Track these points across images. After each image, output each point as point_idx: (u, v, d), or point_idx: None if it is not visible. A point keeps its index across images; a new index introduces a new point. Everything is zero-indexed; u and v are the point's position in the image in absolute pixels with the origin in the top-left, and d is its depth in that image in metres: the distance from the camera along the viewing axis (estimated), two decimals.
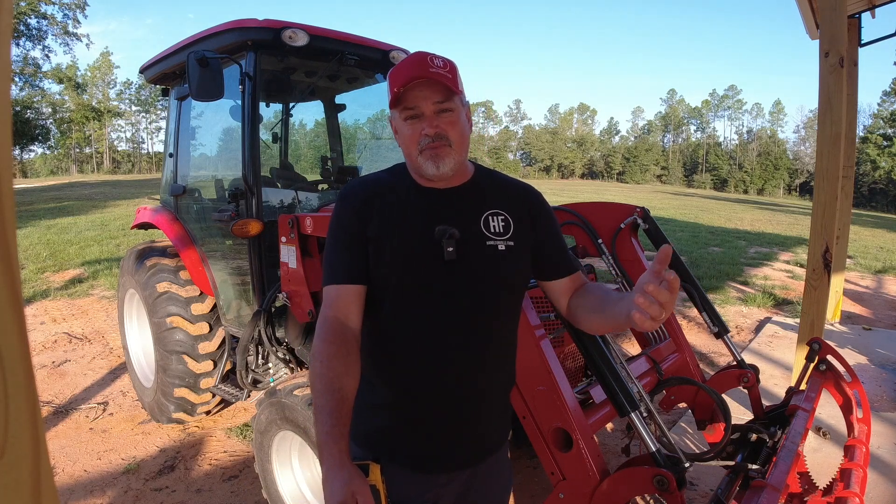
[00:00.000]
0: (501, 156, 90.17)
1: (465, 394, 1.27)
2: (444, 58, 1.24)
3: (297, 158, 4.64)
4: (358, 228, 1.25)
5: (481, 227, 1.27)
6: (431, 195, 1.28)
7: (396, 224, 1.24)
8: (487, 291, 1.26)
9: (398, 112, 1.24)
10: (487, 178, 1.36)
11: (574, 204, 2.72)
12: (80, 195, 20.43)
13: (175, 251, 3.47)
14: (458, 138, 1.24)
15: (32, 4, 36.68)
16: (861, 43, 5.59)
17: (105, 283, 7.30)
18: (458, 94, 1.23)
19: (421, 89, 1.20)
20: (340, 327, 1.19)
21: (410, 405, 1.27)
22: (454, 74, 1.23)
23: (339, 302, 1.21)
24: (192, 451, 3.32)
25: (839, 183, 3.42)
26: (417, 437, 1.29)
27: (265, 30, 2.71)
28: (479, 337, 1.26)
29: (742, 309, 6.75)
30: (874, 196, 57.89)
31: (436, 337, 1.24)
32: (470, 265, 1.23)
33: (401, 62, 1.25)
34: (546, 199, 1.42)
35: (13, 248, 0.39)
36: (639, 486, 1.48)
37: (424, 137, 1.21)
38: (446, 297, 1.23)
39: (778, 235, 15.06)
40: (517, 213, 1.32)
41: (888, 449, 3.20)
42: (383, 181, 1.32)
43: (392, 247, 1.22)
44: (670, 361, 2.39)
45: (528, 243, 1.32)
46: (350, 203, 1.28)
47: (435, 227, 1.22)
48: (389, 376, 1.28)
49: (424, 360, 1.24)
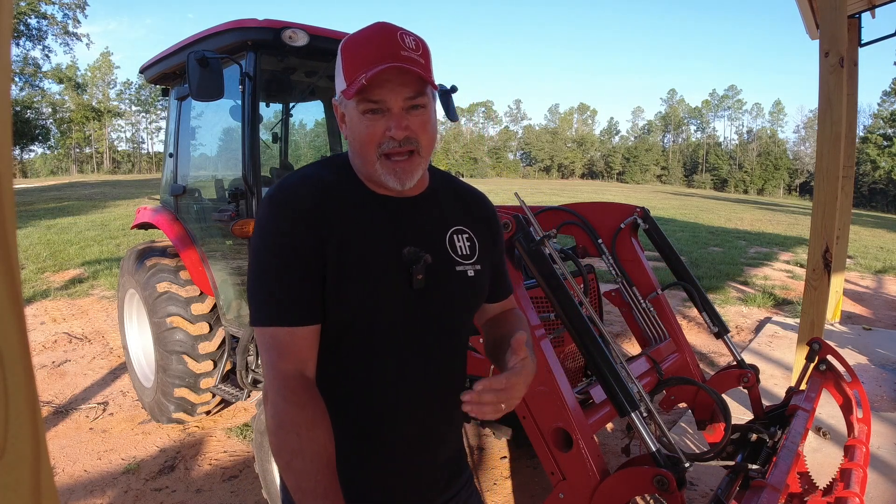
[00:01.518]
0: (501, 156, 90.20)
1: (434, 424, 1.13)
2: (416, 35, 1.00)
3: (297, 158, 4.64)
4: (311, 247, 0.96)
5: (447, 247, 1.08)
6: (390, 206, 1.05)
7: (358, 241, 1.00)
8: (455, 321, 1.11)
9: (354, 101, 0.97)
10: (445, 185, 1.17)
11: (574, 204, 2.72)
12: (80, 195, 20.44)
13: (175, 251, 3.47)
14: (428, 143, 1.02)
15: (32, 4, 36.67)
16: (861, 43, 5.60)
17: (105, 283, 7.30)
18: (431, 86, 0.99)
19: (389, 79, 0.95)
20: (304, 383, 0.96)
21: (375, 450, 1.09)
22: (427, 60, 0.99)
23: (293, 349, 0.95)
24: (192, 451, 3.32)
25: (839, 183, 3.42)
26: (389, 483, 1.13)
27: (265, 30, 2.71)
28: (444, 370, 1.11)
29: (742, 309, 6.75)
30: (874, 196, 57.90)
31: (399, 375, 1.05)
32: (439, 294, 1.04)
33: (360, 36, 0.98)
34: None
35: (13, 248, 0.39)
36: (639, 486, 1.48)
37: (389, 140, 0.97)
38: (411, 330, 1.04)
39: (778, 235, 15.06)
40: (480, 231, 1.15)
41: (888, 449, 3.20)
42: (330, 183, 1.03)
43: (356, 271, 0.99)
44: (670, 361, 2.39)
45: (490, 264, 1.16)
46: (296, 211, 0.97)
47: (401, 248, 1.01)
48: (348, 421, 1.07)
49: (388, 401, 1.06)
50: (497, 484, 2.98)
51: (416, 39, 0.99)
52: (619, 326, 5.45)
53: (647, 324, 2.49)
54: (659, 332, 2.48)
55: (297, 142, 4.85)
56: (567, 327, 1.74)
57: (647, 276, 2.52)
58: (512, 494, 2.88)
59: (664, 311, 2.50)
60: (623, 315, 2.58)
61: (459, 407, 1.18)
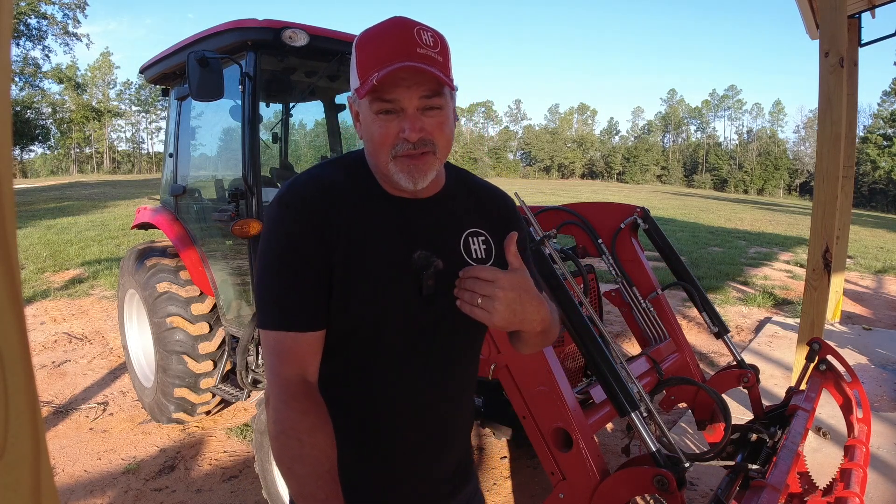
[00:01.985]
0: (501, 156, 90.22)
1: (439, 433, 1.11)
2: (434, 31, 0.95)
3: (297, 158, 4.64)
4: (319, 251, 0.95)
5: (461, 250, 1.05)
6: (403, 208, 1.02)
7: (366, 244, 0.97)
8: (465, 330, 1.06)
9: (367, 101, 0.94)
10: (462, 185, 1.12)
11: (574, 204, 2.72)
12: (80, 195, 20.44)
13: (175, 251, 3.48)
14: (445, 144, 0.98)
15: (32, 4, 36.71)
16: (861, 43, 5.60)
17: (105, 283, 7.30)
18: (449, 87, 0.95)
19: (404, 78, 0.91)
20: (307, 388, 0.94)
21: (380, 458, 1.07)
22: (446, 57, 0.95)
23: (296, 355, 0.94)
24: (192, 451, 3.32)
25: (839, 183, 3.42)
26: (393, 490, 1.11)
27: (265, 30, 2.71)
28: (453, 377, 1.09)
29: (742, 309, 6.75)
30: (874, 196, 57.91)
31: (406, 381, 1.03)
32: (450, 300, 0.97)
33: (375, 32, 0.94)
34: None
35: (13, 248, 0.39)
36: (639, 486, 1.48)
37: (403, 142, 0.93)
38: (420, 337, 1.01)
39: (778, 235, 15.06)
40: (497, 232, 1.10)
41: (888, 449, 3.20)
42: (340, 184, 1.00)
43: (363, 275, 0.97)
44: (670, 361, 2.39)
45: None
46: (304, 214, 0.95)
47: (412, 252, 0.98)
48: (352, 427, 1.06)
49: (394, 408, 1.04)
50: (497, 484, 2.98)
51: (434, 35, 0.94)
52: (619, 326, 5.45)
53: (647, 324, 2.49)
54: (659, 332, 2.48)
55: (297, 142, 4.85)
56: (567, 327, 1.74)
57: (647, 276, 2.52)
58: (512, 494, 2.88)
59: (664, 311, 2.50)
60: (623, 315, 2.58)
61: (468, 414, 1.19)
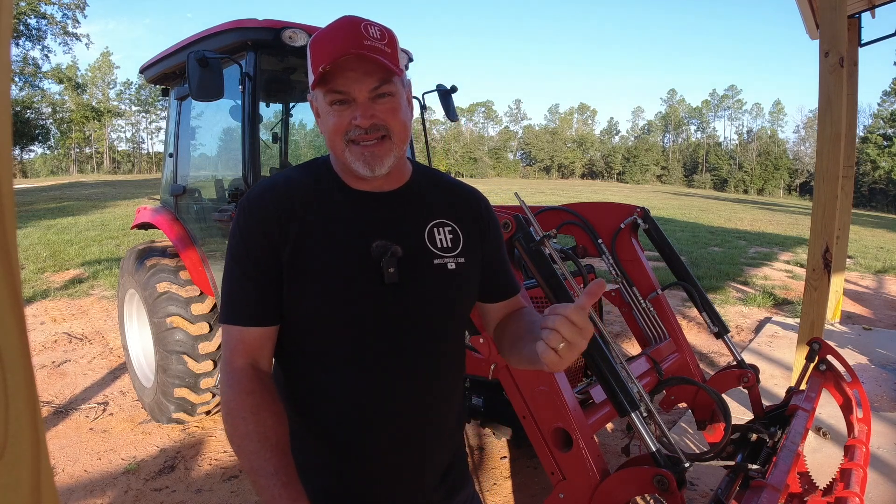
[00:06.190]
0: (501, 156, 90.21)
1: (417, 435, 1.08)
2: (381, 26, 1.00)
3: (297, 158, 4.64)
4: (267, 252, 0.99)
5: (426, 241, 1.06)
6: (363, 201, 1.05)
7: (321, 240, 1.00)
8: (435, 318, 1.06)
9: (322, 93, 0.99)
10: (429, 181, 1.15)
11: (574, 204, 2.72)
12: (80, 195, 20.44)
13: (175, 251, 3.48)
14: (401, 129, 1.01)
15: (32, 4, 36.70)
16: (861, 43, 5.60)
17: (105, 283, 7.30)
18: (398, 75, 0.99)
19: (353, 69, 0.95)
20: (253, 374, 0.98)
21: (355, 459, 1.05)
22: (394, 48, 0.99)
23: (244, 347, 1.00)
24: (192, 451, 3.32)
25: (839, 183, 3.42)
26: (370, 495, 1.08)
27: (265, 30, 2.71)
28: (426, 372, 1.07)
29: (742, 309, 6.75)
30: (874, 196, 57.91)
31: (377, 377, 1.02)
32: (415, 288, 1.02)
33: (325, 29, 0.99)
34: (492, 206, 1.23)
35: (13, 248, 0.39)
36: (639, 486, 1.48)
37: (355, 128, 0.97)
38: (387, 330, 1.02)
39: (778, 235, 15.06)
40: (465, 224, 1.12)
41: (888, 449, 3.20)
42: (298, 183, 1.06)
43: (318, 271, 0.99)
44: (670, 361, 2.39)
45: (478, 259, 1.13)
46: (256, 218, 1.01)
47: (371, 243, 1.00)
48: (323, 428, 1.06)
49: (366, 405, 1.03)
50: (497, 484, 2.98)
51: (381, 29, 0.99)
52: (619, 326, 5.45)
53: (647, 324, 2.49)
54: (659, 332, 2.48)
55: (297, 142, 4.85)
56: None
57: (647, 276, 2.52)
58: (512, 494, 2.88)
59: (664, 311, 2.50)
60: (623, 315, 2.58)
61: (451, 413, 1.16)
